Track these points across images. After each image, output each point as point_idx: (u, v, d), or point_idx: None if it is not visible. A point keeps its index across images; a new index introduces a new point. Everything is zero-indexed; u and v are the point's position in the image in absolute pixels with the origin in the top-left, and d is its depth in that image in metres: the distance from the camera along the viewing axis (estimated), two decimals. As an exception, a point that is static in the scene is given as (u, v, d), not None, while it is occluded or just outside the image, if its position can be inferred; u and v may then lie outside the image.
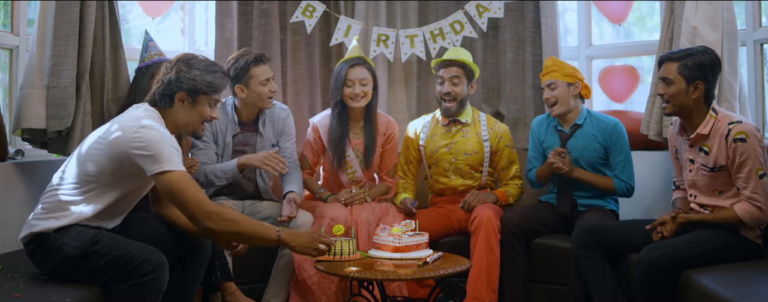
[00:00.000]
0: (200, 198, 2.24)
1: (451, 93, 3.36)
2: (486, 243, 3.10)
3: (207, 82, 2.38)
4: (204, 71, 2.39)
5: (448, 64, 3.39)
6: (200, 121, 2.46)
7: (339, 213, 3.21)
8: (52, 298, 2.09)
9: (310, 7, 3.88)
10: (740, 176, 2.57)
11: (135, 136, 2.23)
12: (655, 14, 3.84)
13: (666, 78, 2.68)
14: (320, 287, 3.09)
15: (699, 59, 2.64)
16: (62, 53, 3.03)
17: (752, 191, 2.55)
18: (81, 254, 2.23)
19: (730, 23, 3.17)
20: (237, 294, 2.99)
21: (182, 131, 2.48)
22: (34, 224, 2.30)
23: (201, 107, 2.42)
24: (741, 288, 2.26)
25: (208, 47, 4.26)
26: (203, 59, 2.44)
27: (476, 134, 3.43)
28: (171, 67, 2.39)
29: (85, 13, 3.06)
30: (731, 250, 2.59)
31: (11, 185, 2.96)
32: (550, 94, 3.26)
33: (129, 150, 2.24)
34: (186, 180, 2.24)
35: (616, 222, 3.11)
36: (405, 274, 2.54)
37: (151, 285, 2.19)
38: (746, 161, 2.54)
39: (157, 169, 2.22)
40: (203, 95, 2.40)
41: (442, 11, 4.01)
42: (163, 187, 2.24)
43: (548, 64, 3.33)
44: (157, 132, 2.26)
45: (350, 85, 3.33)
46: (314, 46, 4.04)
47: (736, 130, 2.56)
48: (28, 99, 3.03)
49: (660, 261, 2.49)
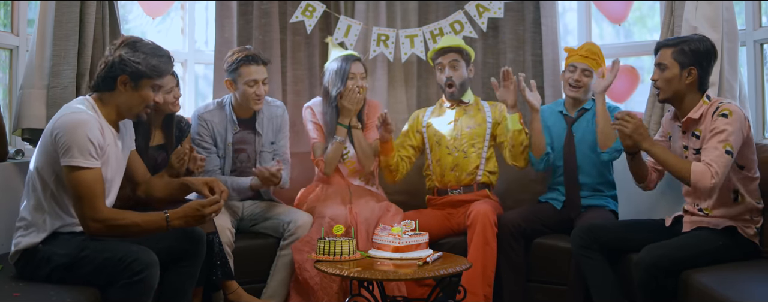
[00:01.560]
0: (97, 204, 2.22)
1: (452, 77, 3.45)
2: (482, 236, 3.11)
3: (151, 66, 2.34)
4: (149, 54, 2.34)
5: (445, 51, 3.48)
6: (142, 105, 2.40)
7: (338, 213, 3.21)
8: (52, 298, 2.09)
9: (310, 7, 3.88)
10: (708, 146, 2.55)
11: (55, 124, 2.24)
12: (655, 14, 3.84)
13: (660, 63, 2.69)
14: (322, 287, 3.09)
15: (694, 46, 2.65)
16: (62, 53, 3.03)
17: (713, 160, 2.50)
18: (71, 261, 2.23)
19: (730, 23, 3.17)
20: (239, 293, 2.99)
21: (124, 116, 2.43)
22: (18, 242, 2.30)
23: (144, 92, 2.37)
24: (741, 288, 2.26)
25: (208, 47, 4.26)
26: (149, 42, 2.39)
27: (478, 110, 3.52)
28: (115, 50, 2.34)
29: (85, 13, 3.07)
30: (730, 250, 2.59)
31: (11, 185, 2.96)
32: (582, 79, 3.29)
33: (52, 141, 2.23)
34: (90, 182, 2.21)
35: (615, 222, 3.11)
36: (405, 274, 2.54)
37: (142, 284, 2.19)
38: (720, 133, 2.53)
39: (66, 162, 2.20)
40: (147, 79, 2.35)
41: (442, 11, 4.01)
42: (68, 180, 2.22)
43: (593, 49, 3.32)
44: (75, 119, 2.22)
45: (352, 78, 3.39)
46: (314, 46, 4.04)
47: (723, 107, 2.58)
48: (28, 99, 3.03)
49: (660, 262, 2.49)
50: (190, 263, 2.57)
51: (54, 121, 2.28)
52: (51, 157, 2.27)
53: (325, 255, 2.67)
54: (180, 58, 4.13)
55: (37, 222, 2.30)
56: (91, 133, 2.22)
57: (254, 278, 3.19)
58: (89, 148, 2.21)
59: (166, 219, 2.31)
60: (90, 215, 2.22)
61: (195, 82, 4.28)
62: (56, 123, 2.25)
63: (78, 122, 2.22)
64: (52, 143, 2.23)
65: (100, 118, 2.32)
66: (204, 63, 4.25)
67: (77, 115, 2.25)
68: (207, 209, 2.35)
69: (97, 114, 2.32)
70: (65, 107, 2.35)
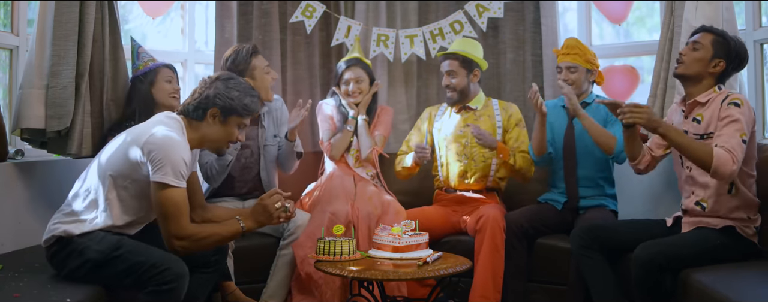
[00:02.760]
0: (182, 222, 2.26)
1: (449, 85, 3.47)
2: (492, 242, 3.11)
3: (243, 105, 2.42)
4: (243, 93, 2.42)
5: (445, 57, 3.50)
6: (226, 141, 2.48)
7: (340, 208, 3.22)
8: (52, 298, 2.09)
9: (310, 7, 3.88)
10: (723, 133, 2.55)
11: (148, 139, 2.25)
12: (655, 14, 3.84)
13: (697, 42, 2.70)
14: (326, 281, 3.11)
15: (735, 44, 2.69)
16: (62, 53, 3.02)
17: (733, 147, 2.50)
18: (103, 258, 2.24)
19: (729, 23, 3.17)
20: (236, 294, 3.00)
21: (206, 147, 2.50)
22: (56, 227, 2.31)
23: (230, 127, 2.44)
24: (740, 287, 2.26)
25: (208, 47, 4.26)
26: (242, 81, 2.48)
27: (488, 117, 3.51)
28: (210, 83, 2.42)
29: (85, 13, 3.06)
30: (729, 250, 2.59)
31: (11, 185, 2.96)
32: (569, 77, 3.31)
33: (141, 153, 2.25)
34: (178, 200, 2.25)
35: (615, 222, 3.12)
36: (405, 274, 2.54)
37: (170, 294, 2.21)
38: (735, 122, 2.54)
39: (158, 179, 2.23)
40: (236, 116, 2.42)
41: (442, 11, 4.01)
42: (155, 198, 2.25)
43: (571, 44, 3.34)
44: (172, 138, 2.27)
45: (346, 83, 3.47)
46: (314, 46, 4.05)
47: (733, 96, 2.62)
48: (28, 99, 3.02)
49: (655, 258, 2.48)
50: (210, 270, 2.59)
51: (146, 133, 2.27)
52: (132, 166, 2.29)
53: (325, 255, 2.67)
54: (180, 58, 4.13)
55: (85, 217, 2.32)
56: (185, 153, 2.29)
57: (254, 278, 3.19)
58: (182, 169, 2.26)
59: (239, 222, 2.39)
60: (175, 233, 2.26)
61: (195, 82, 4.26)
62: (151, 138, 2.26)
63: (175, 142, 2.27)
64: (144, 156, 2.25)
65: (185, 139, 2.36)
66: (204, 63, 4.24)
67: (173, 135, 2.29)
68: (267, 200, 2.42)
69: (184, 136, 2.37)
70: (158, 121, 2.36)
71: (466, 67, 3.46)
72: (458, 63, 3.45)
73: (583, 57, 3.29)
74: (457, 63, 3.45)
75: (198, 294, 2.57)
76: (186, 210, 2.29)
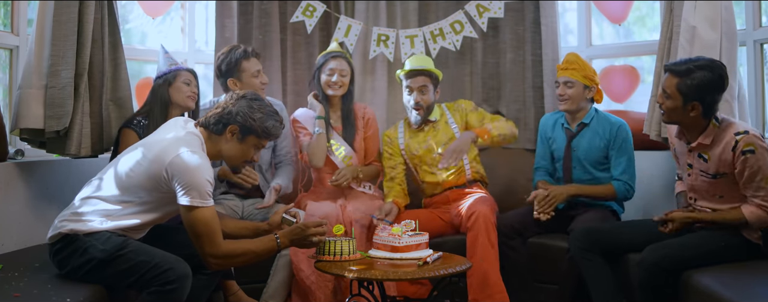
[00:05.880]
0: (216, 241, 2.29)
1: (420, 102, 3.44)
2: (486, 238, 3.11)
3: (264, 127, 2.42)
4: (266, 116, 2.42)
5: (414, 73, 3.45)
6: (241, 159, 2.48)
7: (329, 211, 3.22)
8: (52, 298, 2.09)
9: (310, 7, 3.88)
10: (751, 185, 2.55)
11: (173, 161, 2.25)
12: (655, 14, 3.84)
13: (665, 90, 2.65)
14: (318, 286, 3.10)
15: (699, 79, 2.55)
16: (61, 53, 3.02)
17: (764, 199, 2.54)
18: (107, 257, 2.24)
19: (729, 23, 3.17)
20: (239, 294, 3.00)
21: (221, 159, 2.52)
22: (64, 225, 2.31)
23: (247, 146, 2.45)
24: (742, 288, 2.26)
25: (209, 47, 4.26)
26: (267, 103, 2.48)
27: (446, 124, 3.51)
28: (236, 100, 2.42)
29: (84, 13, 3.06)
30: (732, 251, 2.59)
31: (11, 185, 2.96)
32: (565, 92, 3.27)
33: (165, 174, 2.26)
34: (208, 219, 2.27)
35: (615, 224, 3.11)
36: (405, 274, 2.54)
37: (172, 295, 2.21)
38: (757, 172, 2.53)
39: (186, 202, 2.25)
40: (254, 137, 2.43)
41: (442, 11, 4.00)
42: (186, 219, 2.28)
43: (571, 59, 3.30)
44: (196, 162, 2.27)
45: (330, 74, 3.43)
46: (314, 46, 4.04)
47: (743, 141, 2.53)
48: (27, 99, 3.02)
49: (662, 261, 2.49)
50: (210, 273, 2.59)
51: (169, 154, 2.26)
52: (154, 185, 2.30)
53: (325, 255, 2.67)
54: (180, 58, 4.12)
55: (93, 218, 2.32)
56: (209, 175, 2.29)
57: (254, 278, 3.19)
58: (208, 189, 2.28)
59: (276, 240, 2.42)
60: (210, 252, 2.29)
61: (195, 82, 4.28)
62: (176, 160, 2.25)
63: (199, 166, 2.27)
64: (167, 177, 2.26)
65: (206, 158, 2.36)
66: (204, 63, 4.24)
67: (196, 157, 2.28)
68: (310, 230, 2.48)
69: (204, 151, 2.38)
70: (178, 139, 2.34)
71: (433, 83, 3.47)
72: (429, 79, 3.45)
73: (582, 72, 3.25)
74: (430, 79, 3.45)
75: (200, 295, 2.57)
76: (217, 227, 2.30)
